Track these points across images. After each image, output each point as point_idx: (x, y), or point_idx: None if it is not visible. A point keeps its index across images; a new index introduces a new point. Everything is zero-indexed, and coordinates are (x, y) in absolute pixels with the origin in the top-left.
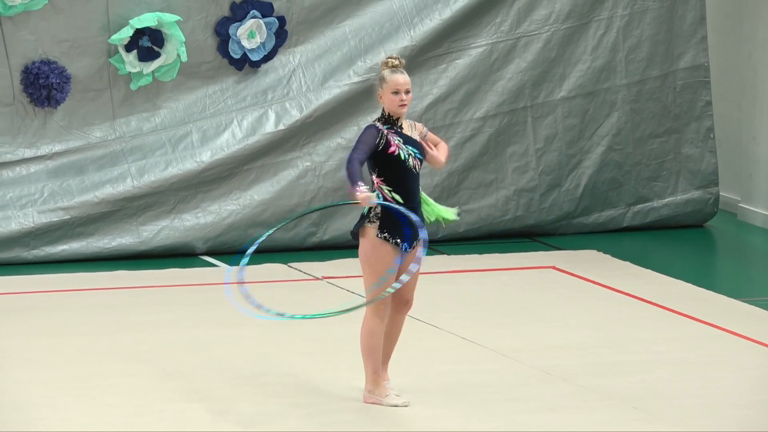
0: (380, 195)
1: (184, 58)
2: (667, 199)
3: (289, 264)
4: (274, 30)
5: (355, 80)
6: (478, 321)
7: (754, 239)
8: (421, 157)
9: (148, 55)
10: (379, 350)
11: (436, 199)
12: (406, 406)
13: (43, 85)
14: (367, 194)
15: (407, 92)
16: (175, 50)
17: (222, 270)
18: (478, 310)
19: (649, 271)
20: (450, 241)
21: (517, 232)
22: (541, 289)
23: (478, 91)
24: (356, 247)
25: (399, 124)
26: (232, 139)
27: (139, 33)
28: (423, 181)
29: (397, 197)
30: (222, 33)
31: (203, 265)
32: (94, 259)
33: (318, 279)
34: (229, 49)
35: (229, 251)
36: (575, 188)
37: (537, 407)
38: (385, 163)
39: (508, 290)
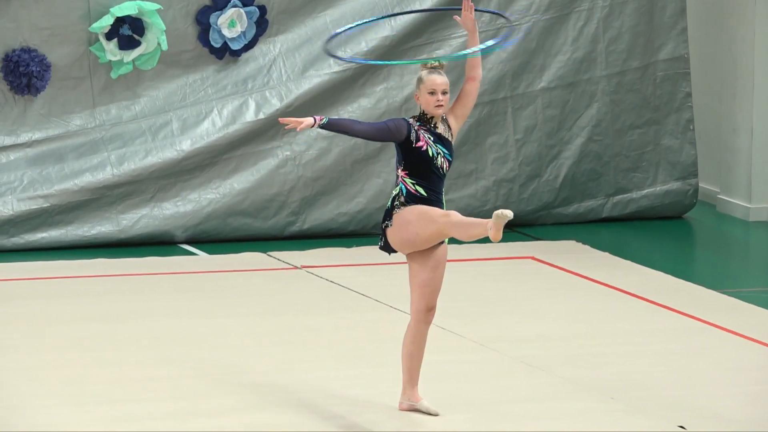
0: (403, 188)
1: (164, 46)
2: (646, 191)
3: (268, 253)
4: (254, 19)
5: (336, 70)
6: (458, 311)
7: (733, 231)
8: (450, 159)
9: (128, 44)
10: (417, 357)
11: None
12: (436, 414)
13: (23, 73)
14: (296, 120)
15: (444, 93)
16: (155, 39)
17: (201, 258)
18: (458, 301)
19: (628, 262)
20: None
21: None
22: (520, 279)
23: (458, 81)
24: (335, 236)
25: (434, 123)
26: (212, 127)
27: (120, 21)
28: None
29: (421, 190)
30: (203, 22)
31: (183, 254)
32: (73, 247)
33: (297, 268)
34: (210, 38)
35: (208, 240)
36: (555, 179)
37: (516, 398)
38: (412, 157)
39: (487, 280)
